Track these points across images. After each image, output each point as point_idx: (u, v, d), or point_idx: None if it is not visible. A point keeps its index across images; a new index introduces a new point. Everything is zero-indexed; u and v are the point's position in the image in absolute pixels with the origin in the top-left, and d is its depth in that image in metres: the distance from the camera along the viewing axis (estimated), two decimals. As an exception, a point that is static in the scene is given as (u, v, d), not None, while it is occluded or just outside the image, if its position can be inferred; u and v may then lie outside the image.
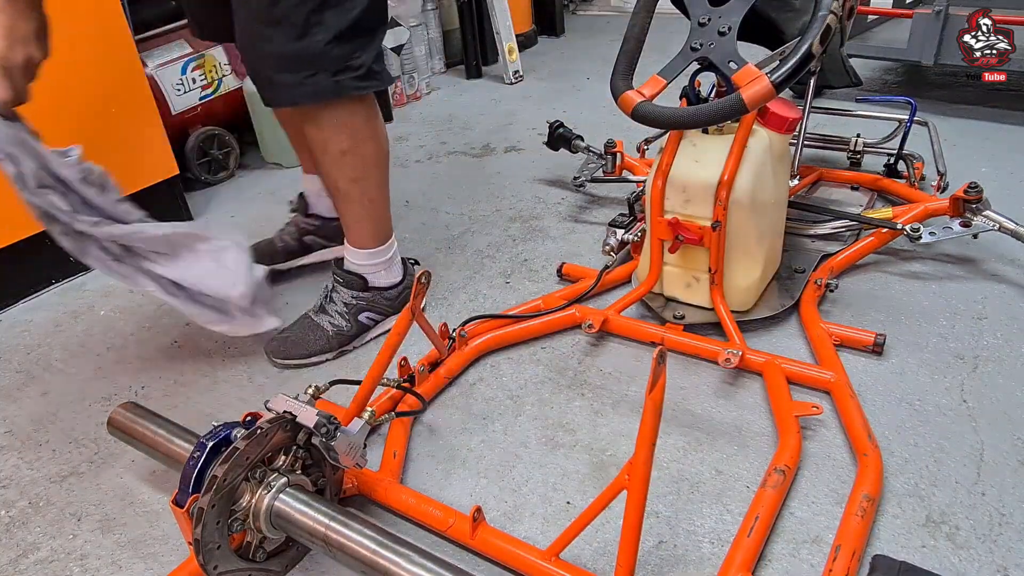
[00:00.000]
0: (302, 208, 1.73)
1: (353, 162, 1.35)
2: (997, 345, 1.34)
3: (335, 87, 1.25)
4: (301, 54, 1.21)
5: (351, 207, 1.41)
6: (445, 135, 2.65)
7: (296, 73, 1.22)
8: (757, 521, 0.96)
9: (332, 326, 1.45)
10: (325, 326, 1.45)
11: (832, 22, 1.12)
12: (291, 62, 1.22)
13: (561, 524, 1.04)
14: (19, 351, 1.57)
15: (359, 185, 1.39)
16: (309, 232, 1.72)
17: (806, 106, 1.77)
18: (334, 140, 1.32)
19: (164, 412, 1.16)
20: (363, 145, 1.35)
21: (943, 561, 0.96)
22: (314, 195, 1.71)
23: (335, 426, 0.96)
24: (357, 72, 1.27)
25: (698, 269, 1.38)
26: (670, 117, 1.21)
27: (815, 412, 1.14)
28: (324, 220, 1.72)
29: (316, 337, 1.44)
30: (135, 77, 1.88)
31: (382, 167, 1.42)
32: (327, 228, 1.72)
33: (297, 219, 1.74)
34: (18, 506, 1.17)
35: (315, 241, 1.73)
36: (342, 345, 1.47)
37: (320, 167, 1.40)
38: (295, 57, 1.21)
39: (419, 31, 3.04)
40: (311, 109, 1.29)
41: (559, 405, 1.29)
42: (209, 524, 0.85)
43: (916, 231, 1.51)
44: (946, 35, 2.21)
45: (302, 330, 1.45)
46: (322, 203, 1.70)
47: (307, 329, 1.45)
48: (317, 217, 1.73)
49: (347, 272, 1.47)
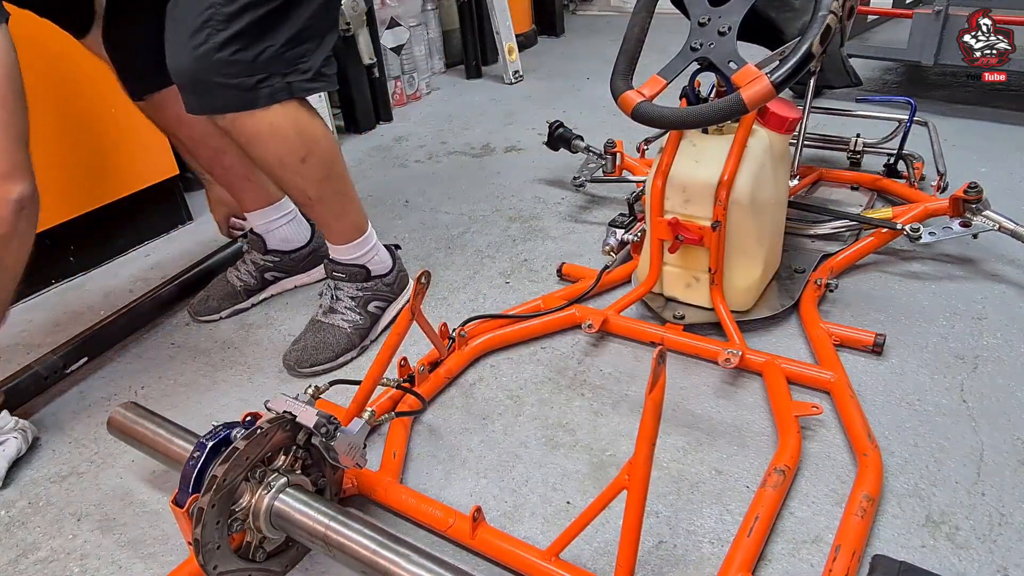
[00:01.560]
0: (259, 245, 1.65)
1: (315, 164, 1.33)
2: (997, 345, 1.34)
3: (287, 88, 1.24)
4: (256, 60, 1.20)
5: (327, 207, 1.41)
6: (445, 135, 2.65)
7: (250, 77, 1.21)
8: (757, 521, 0.96)
9: (347, 322, 1.46)
10: (341, 324, 1.46)
11: (832, 22, 1.12)
12: (245, 67, 1.20)
13: (561, 524, 1.04)
14: (19, 351, 1.56)
15: (329, 184, 1.38)
16: (269, 269, 1.66)
17: (806, 106, 1.77)
18: (289, 151, 1.29)
19: (164, 412, 1.16)
20: (317, 145, 1.33)
21: (943, 561, 0.95)
22: (266, 232, 1.64)
23: (335, 426, 0.96)
24: (306, 75, 1.26)
25: (698, 269, 1.38)
26: (670, 117, 1.21)
27: (815, 412, 1.14)
28: (282, 254, 1.67)
29: (336, 337, 1.44)
30: (135, 77, 1.88)
31: (339, 158, 1.41)
32: (286, 261, 1.67)
33: (254, 257, 1.66)
34: (18, 506, 1.17)
35: (275, 276, 1.68)
36: (362, 340, 1.48)
37: (282, 184, 1.38)
38: (250, 63, 1.19)
39: (419, 31, 3.04)
40: (258, 127, 1.25)
41: (559, 405, 1.29)
42: (209, 524, 0.85)
43: (916, 231, 1.51)
44: (946, 35, 2.21)
45: (318, 335, 1.45)
46: (276, 237, 1.65)
47: (323, 332, 1.45)
48: (275, 252, 1.66)
49: (348, 266, 1.47)
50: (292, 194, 1.41)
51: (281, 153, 1.29)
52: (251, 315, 1.64)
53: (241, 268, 1.66)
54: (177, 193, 2.06)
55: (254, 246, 1.66)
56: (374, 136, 2.71)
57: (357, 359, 1.46)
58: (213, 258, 1.77)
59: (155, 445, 1.09)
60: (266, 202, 1.61)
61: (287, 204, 1.65)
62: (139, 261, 1.93)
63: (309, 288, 1.72)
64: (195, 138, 1.52)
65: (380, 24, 2.76)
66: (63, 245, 1.83)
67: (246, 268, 1.66)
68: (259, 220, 1.63)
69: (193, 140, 1.53)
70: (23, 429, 1.26)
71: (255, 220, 1.64)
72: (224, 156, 1.53)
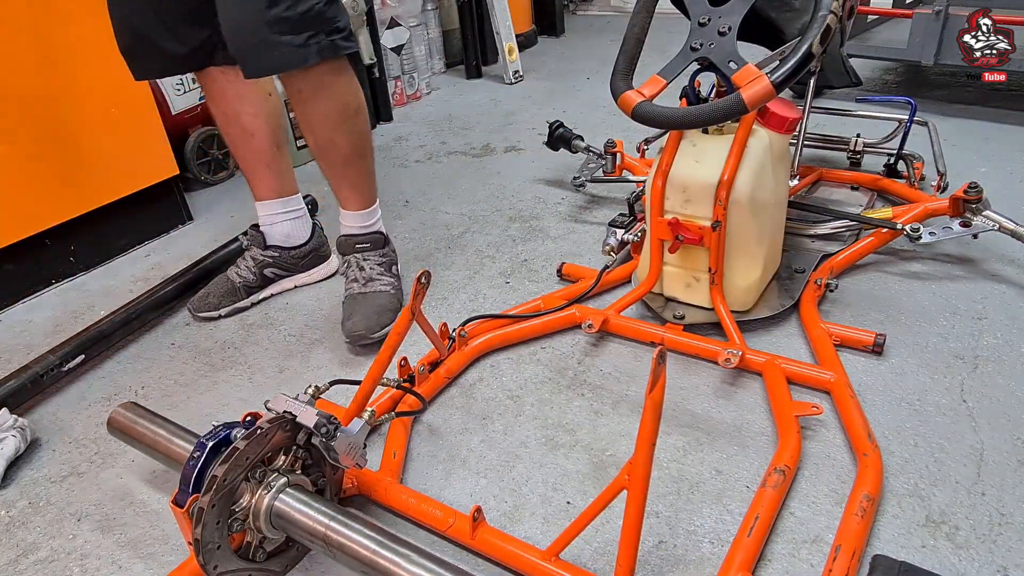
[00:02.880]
0: (259, 241, 1.65)
1: (362, 119, 1.45)
2: (997, 345, 1.34)
3: (332, 46, 1.31)
4: (303, 17, 1.27)
5: (363, 166, 1.50)
6: (445, 135, 2.65)
7: (299, 34, 1.27)
8: (757, 521, 0.96)
9: (388, 286, 1.52)
10: (384, 288, 1.51)
11: (832, 22, 1.12)
12: (295, 25, 1.26)
13: (561, 524, 1.04)
14: (19, 351, 1.56)
15: (368, 140, 1.49)
16: (269, 265, 1.66)
17: (806, 106, 1.77)
18: (344, 105, 1.40)
19: (164, 412, 1.16)
20: (361, 100, 1.45)
21: (943, 561, 0.95)
22: (269, 225, 1.66)
23: (335, 426, 0.96)
24: (343, 32, 1.34)
25: (698, 269, 1.38)
26: (670, 117, 1.21)
27: (815, 412, 1.14)
28: (282, 250, 1.67)
29: (388, 300, 1.50)
30: (135, 77, 1.88)
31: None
32: (285, 258, 1.67)
33: (254, 253, 1.66)
34: (18, 506, 1.17)
35: (275, 273, 1.67)
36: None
37: (332, 142, 1.44)
38: (299, 20, 1.26)
39: (419, 31, 3.04)
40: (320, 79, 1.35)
41: (559, 405, 1.29)
42: (209, 524, 0.85)
43: (916, 231, 1.51)
44: (946, 35, 2.21)
45: (371, 304, 1.48)
46: (278, 232, 1.66)
47: (374, 300, 1.49)
48: (275, 248, 1.66)
49: (371, 234, 1.56)
50: (339, 151, 1.46)
51: (336, 108, 1.39)
52: (251, 315, 1.64)
53: (241, 265, 1.66)
54: (177, 193, 2.06)
55: (254, 242, 1.66)
56: (374, 136, 2.70)
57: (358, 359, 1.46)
58: (213, 257, 1.77)
59: (155, 445, 1.09)
60: (278, 193, 1.64)
61: (296, 201, 1.68)
62: (139, 261, 1.93)
63: (310, 289, 1.72)
64: (229, 116, 1.56)
65: (380, 24, 2.77)
66: (63, 245, 1.83)
67: (246, 265, 1.65)
68: (266, 211, 1.65)
69: (227, 117, 1.57)
70: (21, 428, 1.26)
71: (262, 211, 1.65)
72: (252, 140, 1.57)
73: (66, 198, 1.78)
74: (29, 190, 1.71)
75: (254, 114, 1.56)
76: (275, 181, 1.63)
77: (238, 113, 1.55)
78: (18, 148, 1.67)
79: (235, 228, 1.94)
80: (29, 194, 1.71)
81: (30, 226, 1.74)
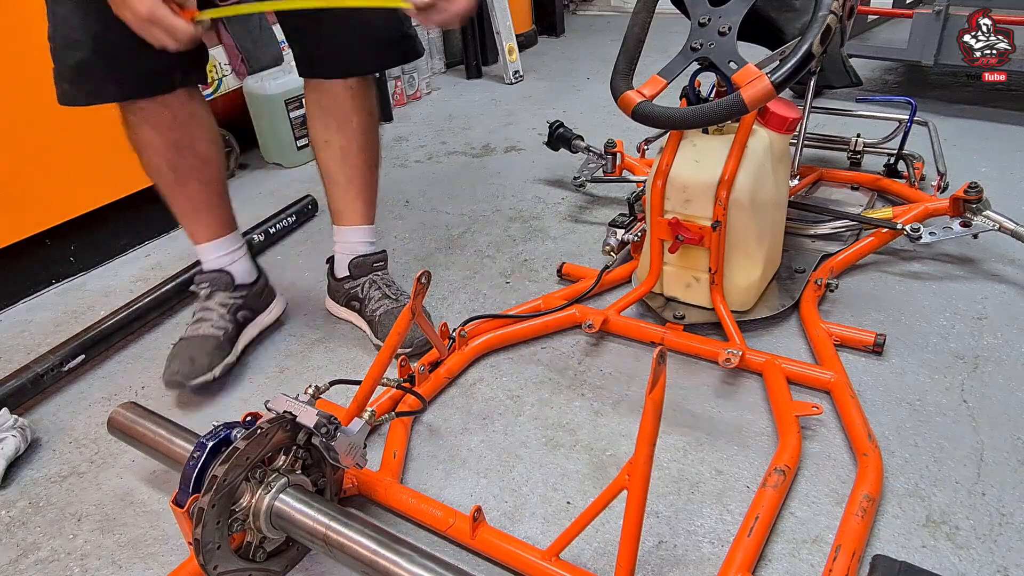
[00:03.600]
0: (224, 283, 1.46)
1: (378, 129, 1.49)
2: (997, 345, 1.34)
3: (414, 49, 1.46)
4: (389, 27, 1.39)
5: (377, 175, 1.51)
6: (445, 135, 2.65)
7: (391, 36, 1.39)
8: (757, 521, 0.96)
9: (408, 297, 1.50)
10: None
11: (832, 22, 1.12)
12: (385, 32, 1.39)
13: (561, 524, 1.04)
14: (19, 351, 1.56)
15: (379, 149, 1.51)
16: (239, 307, 1.47)
17: (806, 106, 1.77)
18: (373, 115, 1.45)
19: (164, 412, 1.16)
20: (377, 112, 1.49)
21: (943, 561, 0.95)
22: (231, 264, 1.47)
23: (335, 426, 0.96)
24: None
25: (698, 269, 1.38)
26: (670, 117, 1.21)
27: (815, 412, 1.14)
28: (247, 287, 1.49)
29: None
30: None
31: None
32: (251, 297, 1.50)
33: (221, 298, 1.45)
34: (18, 506, 1.17)
35: (246, 316, 1.49)
36: None
37: (362, 151, 1.45)
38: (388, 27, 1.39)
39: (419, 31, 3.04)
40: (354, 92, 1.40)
41: (559, 405, 1.29)
42: (209, 524, 0.85)
43: (916, 231, 1.51)
44: (946, 35, 2.21)
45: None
46: (240, 270, 1.48)
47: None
48: (241, 287, 1.48)
49: (382, 252, 1.54)
50: (365, 160, 1.46)
51: (371, 118, 1.44)
52: (251, 315, 1.64)
53: (209, 317, 1.42)
54: (177, 193, 2.06)
55: (217, 285, 1.45)
56: (374, 136, 2.71)
57: (359, 359, 1.46)
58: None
59: (155, 445, 1.09)
60: (232, 227, 1.48)
61: (239, 234, 1.51)
62: (139, 261, 1.93)
63: (309, 289, 1.71)
64: (182, 145, 1.35)
65: (380, 24, 2.76)
66: (63, 245, 1.83)
67: (217, 313, 1.43)
68: (225, 249, 1.46)
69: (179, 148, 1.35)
70: (22, 427, 1.26)
71: (219, 250, 1.45)
72: (206, 168, 1.40)
73: (66, 198, 1.78)
74: (29, 190, 1.71)
75: (210, 139, 1.39)
76: (228, 214, 1.47)
77: (193, 140, 1.35)
78: (18, 148, 1.67)
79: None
80: (29, 194, 1.71)
81: (30, 226, 1.74)
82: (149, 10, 0.99)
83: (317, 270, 1.70)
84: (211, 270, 1.46)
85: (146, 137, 1.32)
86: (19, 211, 1.71)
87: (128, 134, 1.33)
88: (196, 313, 1.44)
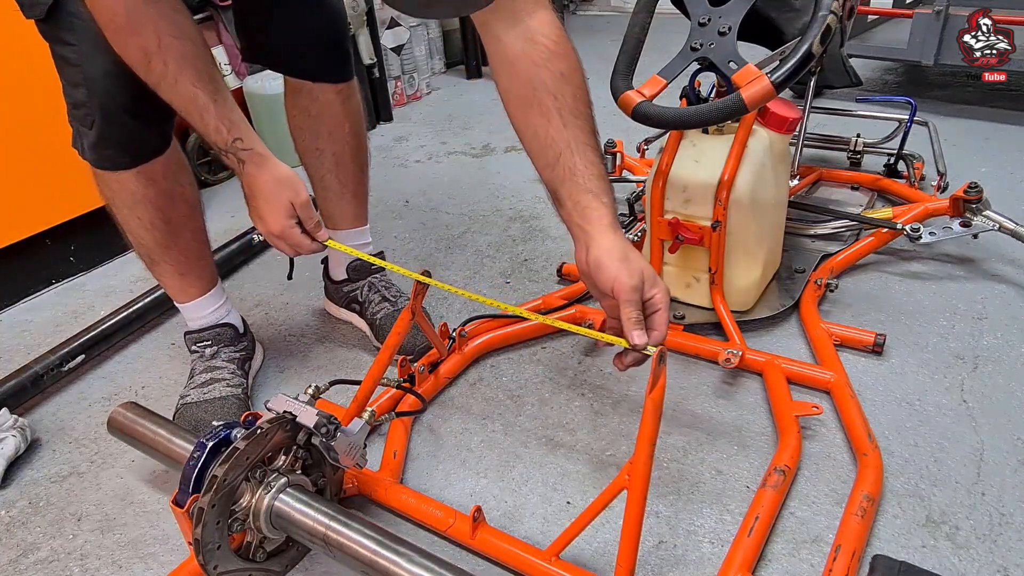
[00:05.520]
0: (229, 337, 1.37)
1: (365, 124, 1.47)
2: (997, 345, 1.34)
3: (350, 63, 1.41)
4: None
5: (366, 176, 1.49)
6: (445, 135, 2.65)
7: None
8: (757, 521, 0.96)
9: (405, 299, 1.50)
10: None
11: (832, 22, 1.12)
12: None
13: (561, 524, 1.04)
14: (19, 351, 1.56)
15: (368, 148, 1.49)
16: (245, 359, 1.40)
17: (806, 106, 1.77)
18: (362, 119, 1.44)
19: (164, 412, 1.16)
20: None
21: (943, 561, 0.95)
22: (227, 315, 1.38)
23: (335, 426, 0.96)
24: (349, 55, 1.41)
25: (698, 269, 1.38)
26: (670, 117, 1.21)
27: (815, 412, 1.14)
28: (246, 335, 1.42)
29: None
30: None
31: None
32: (248, 345, 1.42)
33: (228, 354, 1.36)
34: (18, 506, 1.17)
35: (250, 366, 1.41)
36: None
37: (355, 153, 1.44)
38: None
39: (419, 31, 3.04)
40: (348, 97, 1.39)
41: (559, 405, 1.29)
42: (209, 524, 0.85)
43: (916, 231, 1.51)
44: (946, 35, 2.22)
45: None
46: (236, 317, 1.41)
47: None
48: (243, 336, 1.42)
49: (377, 255, 1.51)
50: (359, 164, 1.45)
51: (360, 120, 1.43)
52: (250, 316, 1.64)
53: (221, 376, 1.32)
54: (177, 193, 2.06)
55: (222, 340, 1.35)
56: (374, 136, 2.70)
57: (359, 359, 1.46)
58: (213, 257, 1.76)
59: (155, 445, 1.09)
60: (216, 279, 1.38)
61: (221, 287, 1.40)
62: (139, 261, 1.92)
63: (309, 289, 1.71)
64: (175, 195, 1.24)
65: (380, 24, 2.76)
66: (63, 245, 1.83)
67: (228, 371, 1.33)
68: (216, 303, 1.36)
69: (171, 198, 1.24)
70: (21, 427, 1.26)
71: (211, 305, 1.35)
72: (195, 216, 1.30)
73: (67, 198, 1.78)
74: (30, 190, 1.71)
75: (191, 182, 1.28)
76: (210, 274, 1.36)
77: (183, 185, 1.25)
78: (18, 147, 1.67)
79: (235, 228, 1.95)
80: (29, 194, 1.71)
81: (30, 226, 1.74)
82: (281, 229, 1.07)
83: (317, 269, 1.70)
84: (210, 326, 1.35)
85: (139, 192, 1.19)
86: (19, 211, 1.71)
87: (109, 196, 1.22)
88: (200, 374, 1.32)
